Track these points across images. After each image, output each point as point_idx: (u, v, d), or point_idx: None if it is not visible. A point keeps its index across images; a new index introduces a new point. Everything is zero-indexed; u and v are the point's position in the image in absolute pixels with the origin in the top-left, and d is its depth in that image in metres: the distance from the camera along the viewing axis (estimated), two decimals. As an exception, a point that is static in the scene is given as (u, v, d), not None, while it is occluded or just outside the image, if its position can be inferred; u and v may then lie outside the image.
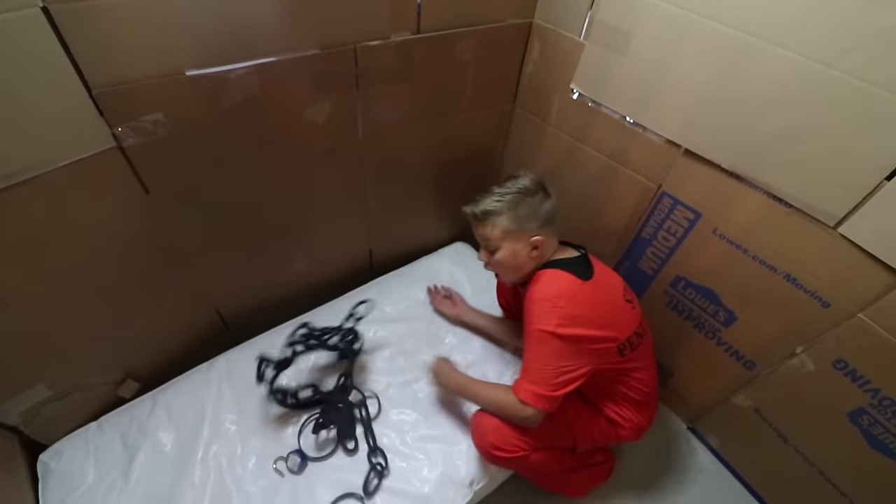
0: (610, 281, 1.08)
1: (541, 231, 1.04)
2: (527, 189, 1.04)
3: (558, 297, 0.95)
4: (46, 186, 0.84)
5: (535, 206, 1.03)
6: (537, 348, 0.95)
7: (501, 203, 1.03)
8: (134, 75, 0.82)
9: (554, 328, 0.93)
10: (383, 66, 1.11)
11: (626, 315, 1.04)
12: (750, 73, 0.94)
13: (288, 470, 1.12)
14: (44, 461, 1.11)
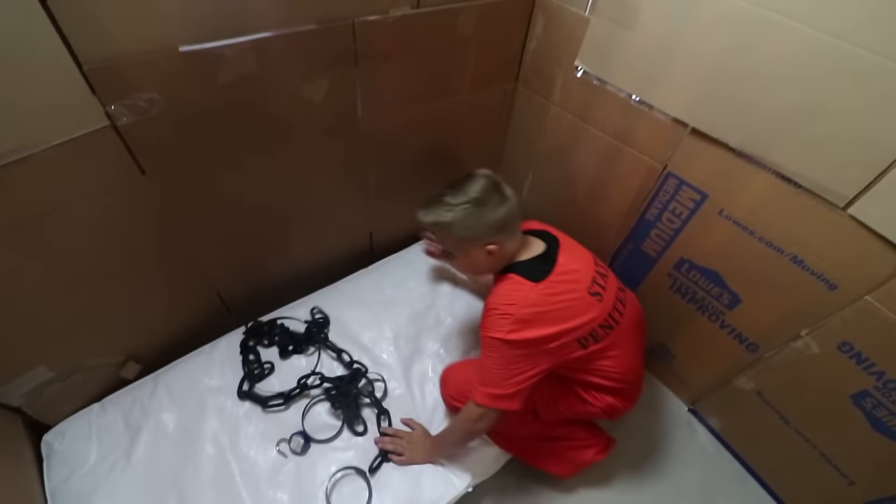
0: (575, 275, 1.02)
1: (495, 238, 0.99)
2: (478, 199, 0.97)
3: (509, 305, 0.94)
4: (38, 167, 0.83)
5: (486, 215, 0.97)
6: (489, 353, 0.96)
7: (452, 214, 0.98)
8: (126, 50, 0.80)
9: (504, 335, 0.92)
10: (382, 41, 1.08)
11: (589, 308, 1.00)
12: (761, 48, 0.91)
13: (291, 451, 1.12)
14: (47, 441, 1.12)
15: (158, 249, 1.12)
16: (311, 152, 1.19)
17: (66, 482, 1.05)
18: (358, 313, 1.40)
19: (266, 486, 1.07)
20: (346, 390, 1.21)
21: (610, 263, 1.49)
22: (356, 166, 1.33)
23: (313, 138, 1.17)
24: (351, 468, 1.10)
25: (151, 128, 0.91)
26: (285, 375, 1.25)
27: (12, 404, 1.09)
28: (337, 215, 1.44)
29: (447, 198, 0.99)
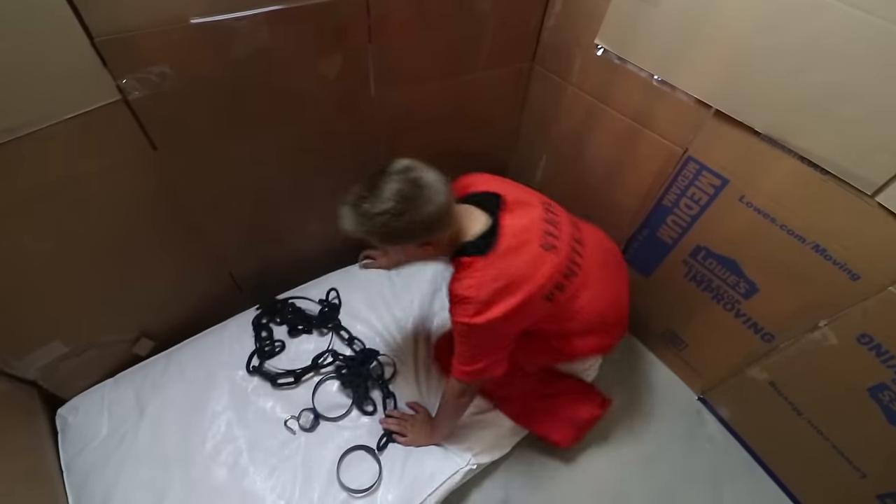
0: (524, 234, 0.95)
1: (428, 237, 0.89)
2: (397, 208, 0.83)
3: (467, 289, 0.90)
4: (50, 141, 0.82)
5: (411, 219, 0.84)
6: (460, 337, 0.95)
7: (372, 224, 0.86)
8: (137, 22, 0.78)
9: (469, 319, 0.90)
10: (397, 15, 1.05)
11: (545, 263, 0.95)
12: (792, 26, 0.87)
13: (300, 427, 1.13)
14: (62, 415, 1.14)
15: (170, 226, 1.12)
16: (324, 130, 1.18)
17: (79, 454, 1.08)
18: (369, 296, 1.40)
19: (274, 460, 1.08)
20: (358, 370, 1.22)
21: (624, 249, 1.47)
22: (369, 144, 1.31)
23: (326, 115, 1.15)
24: (360, 446, 1.11)
25: (163, 102, 0.89)
26: (294, 355, 1.26)
27: (28, 378, 1.11)
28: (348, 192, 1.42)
29: (365, 206, 0.85)
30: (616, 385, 1.52)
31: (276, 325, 1.32)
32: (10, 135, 0.77)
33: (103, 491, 1.02)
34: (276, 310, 1.34)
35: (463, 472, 1.13)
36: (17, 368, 1.07)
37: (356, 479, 1.07)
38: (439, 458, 1.13)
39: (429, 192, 0.85)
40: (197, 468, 1.05)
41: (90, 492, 1.02)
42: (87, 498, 1.01)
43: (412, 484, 1.08)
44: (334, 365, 1.25)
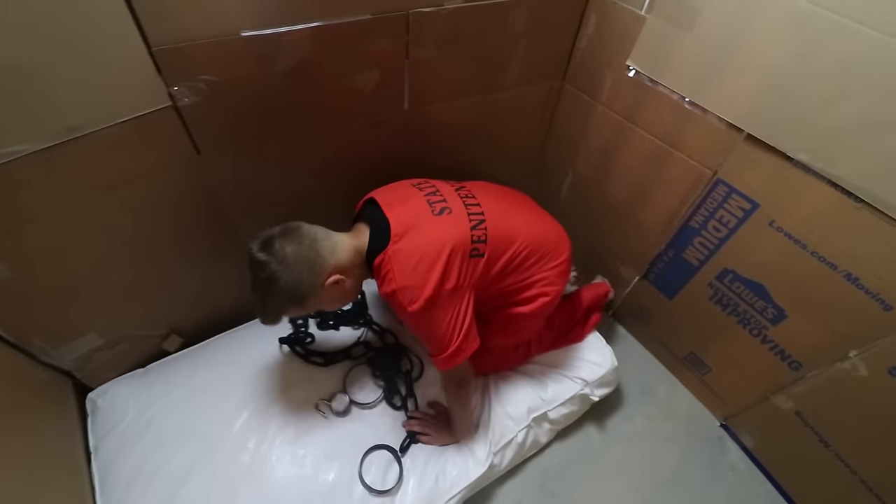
0: (411, 212, 0.98)
1: (326, 275, 0.91)
2: (271, 275, 0.86)
3: (392, 283, 0.92)
4: (105, 141, 0.87)
5: (290, 278, 0.87)
6: (417, 328, 0.97)
7: (270, 302, 0.90)
8: (192, 33, 0.83)
9: (414, 308, 0.91)
10: (434, 34, 1.08)
11: (447, 225, 0.97)
12: (829, 54, 0.87)
13: (332, 411, 1.16)
14: (92, 399, 1.19)
15: (207, 228, 1.16)
16: (357, 141, 1.21)
17: (107, 437, 1.11)
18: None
19: (302, 451, 1.10)
20: (390, 358, 1.26)
21: (648, 269, 1.47)
22: (399, 157, 1.34)
23: (360, 128, 1.18)
24: (383, 445, 1.13)
25: (209, 109, 0.94)
26: (325, 347, 1.30)
27: (64, 367, 1.15)
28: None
29: (258, 294, 0.90)
30: (636, 408, 1.51)
31: (310, 317, 1.36)
32: (73, 133, 0.82)
33: (128, 473, 1.05)
34: None
35: (482, 476, 1.14)
36: (54, 358, 1.11)
37: (377, 478, 1.08)
38: (460, 461, 1.14)
39: (289, 241, 0.88)
40: (221, 455, 1.08)
41: (116, 473, 1.05)
42: (113, 479, 1.04)
43: (433, 486, 1.09)
44: (366, 357, 1.29)
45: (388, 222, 0.95)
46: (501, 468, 1.23)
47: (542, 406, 1.25)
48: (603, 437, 1.43)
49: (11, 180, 0.82)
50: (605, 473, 1.36)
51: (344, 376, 1.24)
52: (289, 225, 0.91)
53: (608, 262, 1.59)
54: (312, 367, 1.25)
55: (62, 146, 0.83)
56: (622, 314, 1.70)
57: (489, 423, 1.20)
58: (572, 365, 1.33)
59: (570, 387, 1.29)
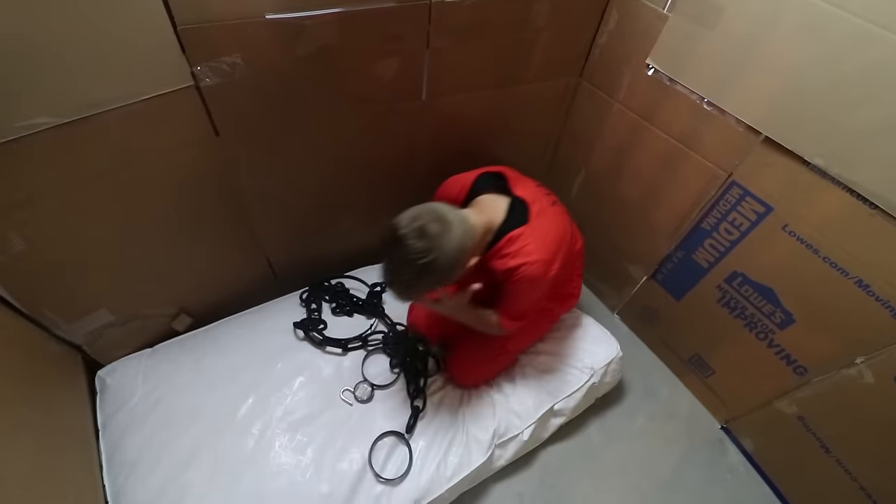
0: (537, 198, 1.05)
1: (468, 257, 0.93)
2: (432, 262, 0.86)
3: (544, 249, 0.99)
4: (127, 118, 0.87)
5: (445, 262, 0.87)
6: (524, 292, 1.03)
7: (412, 290, 0.93)
8: (218, 14, 0.83)
9: (539, 277, 0.98)
10: (456, 25, 1.08)
11: (564, 216, 1.09)
12: (851, 59, 0.87)
13: (357, 400, 1.18)
14: (101, 377, 1.19)
15: (221, 209, 1.17)
16: (373, 129, 1.21)
17: (115, 415, 1.12)
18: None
19: (304, 438, 1.11)
20: (411, 346, 1.27)
21: (657, 269, 1.47)
22: (410, 148, 1.34)
23: (377, 116, 1.18)
24: (391, 432, 1.14)
25: (230, 91, 0.94)
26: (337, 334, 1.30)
27: (75, 342, 1.16)
28: (387, 194, 1.45)
29: (394, 277, 0.91)
30: (638, 407, 1.52)
31: (325, 302, 1.38)
32: (94, 109, 0.82)
33: (135, 451, 1.06)
34: (325, 289, 1.40)
35: (482, 465, 1.15)
36: (66, 332, 1.13)
37: (385, 464, 1.10)
38: (461, 450, 1.15)
39: (441, 227, 0.87)
40: (226, 438, 1.09)
41: (123, 451, 1.06)
42: (120, 456, 1.06)
43: (434, 474, 1.10)
44: (382, 344, 1.30)
45: (526, 202, 1.02)
46: (503, 461, 1.24)
47: (549, 401, 1.26)
48: (604, 435, 1.44)
49: (33, 153, 0.83)
50: (606, 471, 1.37)
51: (361, 364, 1.25)
52: (431, 208, 0.90)
53: (616, 261, 1.59)
54: (318, 352, 1.26)
55: (83, 121, 0.84)
56: (628, 314, 1.71)
57: (495, 416, 1.20)
58: (578, 356, 1.34)
59: (577, 377, 1.30)
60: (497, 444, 1.18)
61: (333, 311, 1.36)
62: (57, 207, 0.92)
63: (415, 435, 1.15)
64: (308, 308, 1.34)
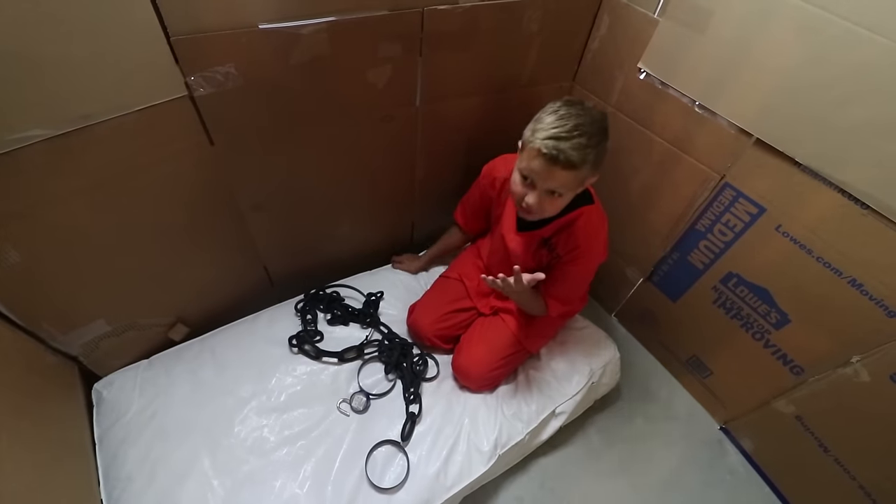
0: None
1: (597, 174, 0.98)
2: (605, 128, 0.93)
3: (605, 230, 1.10)
4: (120, 129, 0.87)
5: (608, 146, 0.95)
6: (581, 274, 1.11)
7: (590, 151, 0.90)
8: (211, 24, 0.83)
9: (600, 257, 1.09)
10: (449, 31, 1.09)
11: (603, 213, 1.14)
12: (838, 60, 0.88)
13: (353, 411, 1.18)
14: (98, 390, 1.18)
15: (216, 219, 1.17)
16: (367, 137, 1.22)
17: (111, 428, 1.11)
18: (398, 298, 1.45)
19: (301, 452, 1.10)
20: (405, 353, 1.27)
21: (653, 271, 1.47)
22: (406, 154, 1.35)
23: (371, 123, 1.19)
24: (387, 441, 1.13)
25: (225, 100, 0.94)
26: (333, 344, 1.29)
27: (71, 353, 1.15)
28: (383, 202, 1.47)
29: (582, 127, 0.89)
30: (636, 409, 1.52)
31: (320, 312, 1.37)
32: (87, 121, 0.82)
33: (132, 465, 1.05)
34: (319, 298, 1.39)
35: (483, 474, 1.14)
36: (62, 343, 1.12)
37: (383, 474, 1.09)
38: (462, 458, 1.14)
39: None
40: (223, 451, 1.08)
41: (119, 464, 1.05)
42: (116, 470, 1.05)
43: (433, 482, 1.09)
44: (376, 354, 1.30)
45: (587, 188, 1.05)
46: (503, 466, 1.24)
47: (550, 404, 1.26)
48: (603, 437, 1.44)
49: (26, 165, 0.82)
50: (605, 473, 1.37)
51: (356, 374, 1.24)
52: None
53: (612, 263, 1.60)
54: (314, 363, 1.25)
55: (77, 133, 0.83)
56: (625, 316, 1.71)
57: (496, 422, 1.20)
58: (577, 358, 1.34)
59: (576, 379, 1.30)
60: (500, 453, 1.18)
61: (329, 321, 1.35)
62: (51, 219, 0.91)
63: (414, 443, 1.15)
64: (303, 319, 1.33)
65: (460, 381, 1.26)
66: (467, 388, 1.26)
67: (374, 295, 1.42)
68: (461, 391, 1.26)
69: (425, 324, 1.31)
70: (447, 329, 1.31)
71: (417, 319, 1.33)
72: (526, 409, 1.24)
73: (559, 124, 0.89)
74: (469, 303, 1.35)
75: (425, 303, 1.37)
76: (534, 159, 0.92)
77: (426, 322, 1.31)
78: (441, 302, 1.34)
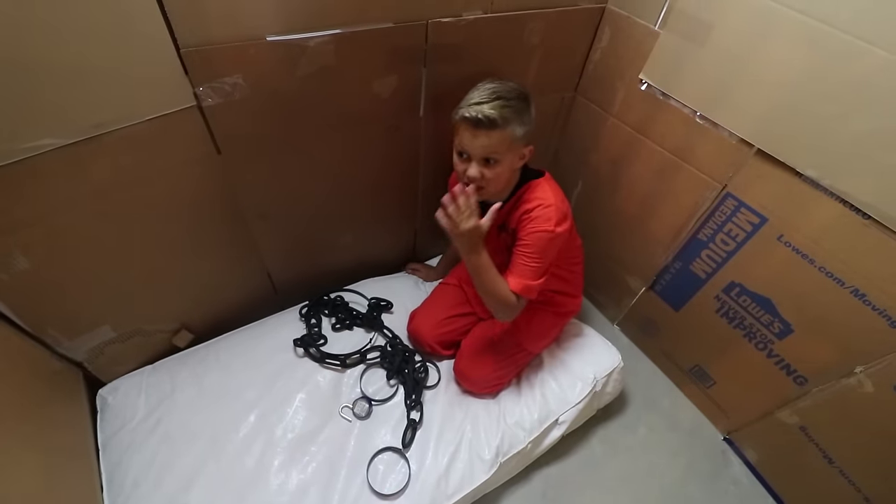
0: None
1: (530, 140, 1.04)
2: (525, 95, 1.00)
3: (558, 198, 1.05)
4: (130, 139, 0.89)
5: (532, 114, 1.01)
6: (534, 252, 1.03)
7: (509, 110, 0.95)
8: (220, 36, 0.85)
9: (553, 227, 1.02)
10: (452, 43, 1.11)
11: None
12: (839, 73, 0.89)
13: (356, 416, 1.18)
14: (102, 395, 1.19)
15: (223, 227, 1.18)
16: (371, 147, 1.23)
17: (116, 434, 1.12)
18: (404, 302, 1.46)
19: (305, 457, 1.11)
20: (408, 360, 1.28)
21: (655, 280, 1.48)
22: (409, 164, 1.36)
23: (376, 133, 1.20)
24: (388, 448, 1.13)
25: (232, 110, 0.96)
26: (337, 349, 1.30)
27: (76, 359, 1.16)
28: (387, 212, 1.48)
29: (497, 92, 0.97)
30: (639, 419, 1.51)
31: (325, 317, 1.38)
32: (97, 130, 0.84)
33: (136, 471, 1.05)
34: (324, 303, 1.40)
35: (484, 483, 1.14)
36: (68, 349, 1.13)
37: (384, 480, 1.09)
38: (463, 466, 1.14)
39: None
40: (227, 457, 1.08)
41: (123, 471, 1.06)
42: (120, 477, 1.05)
43: (434, 490, 1.09)
44: (379, 359, 1.30)
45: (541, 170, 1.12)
46: (505, 475, 1.24)
47: (553, 413, 1.25)
48: (606, 447, 1.43)
49: (37, 174, 0.84)
50: (608, 483, 1.36)
51: (359, 379, 1.25)
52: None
53: (615, 272, 1.60)
54: (318, 368, 1.26)
55: (87, 142, 0.85)
56: (627, 325, 1.71)
57: (498, 430, 1.20)
58: (579, 366, 1.35)
59: (579, 388, 1.30)
60: (502, 462, 1.17)
61: (333, 326, 1.36)
62: (61, 226, 0.93)
63: (416, 449, 1.15)
64: (308, 323, 1.34)
65: (462, 385, 1.27)
66: (469, 392, 1.26)
67: (382, 303, 1.43)
68: (463, 398, 1.26)
69: (426, 330, 1.32)
70: (447, 335, 1.32)
71: (418, 326, 1.34)
72: (528, 418, 1.24)
73: (478, 95, 0.98)
74: (469, 308, 1.36)
75: (425, 309, 1.38)
76: (462, 131, 1.01)
77: (427, 328, 1.32)
78: (441, 308, 1.35)
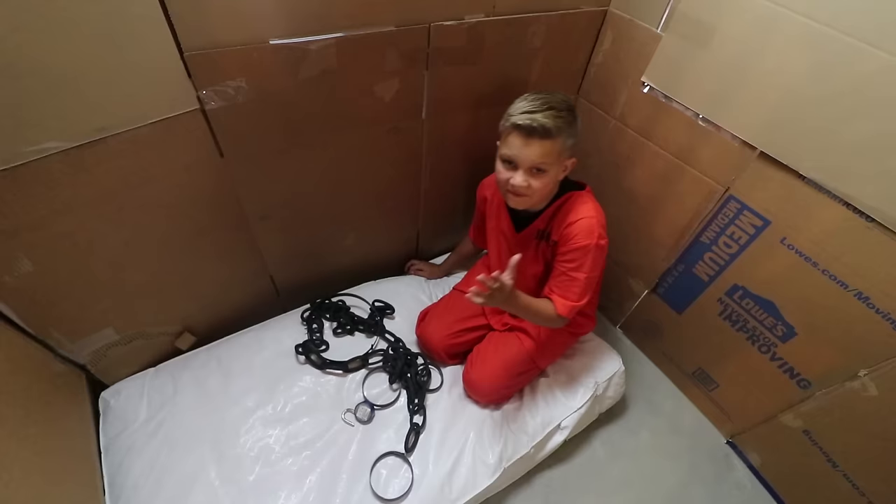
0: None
1: (574, 153, 1.04)
2: (573, 107, 1.01)
3: (599, 213, 1.05)
4: (134, 142, 0.89)
5: (578, 126, 1.02)
6: (580, 261, 1.03)
7: (561, 120, 0.96)
8: (224, 40, 0.85)
9: (597, 240, 1.02)
10: (454, 46, 1.11)
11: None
12: (842, 75, 0.89)
13: (358, 421, 1.18)
14: (105, 398, 1.19)
15: (225, 229, 1.18)
16: (373, 149, 1.23)
17: (118, 437, 1.12)
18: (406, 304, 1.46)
19: (306, 461, 1.10)
20: (410, 363, 1.28)
21: (658, 283, 1.47)
22: (412, 166, 1.36)
23: (378, 135, 1.21)
24: (390, 453, 1.13)
25: (235, 113, 0.96)
26: (339, 354, 1.30)
27: (79, 361, 1.17)
28: (390, 214, 1.48)
29: (547, 103, 0.97)
30: (642, 422, 1.51)
31: (326, 321, 1.38)
32: (101, 133, 0.84)
33: (137, 474, 1.05)
34: (325, 307, 1.40)
35: (487, 488, 1.14)
36: (71, 351, 1.13)
37: (387, 485, 1.09)
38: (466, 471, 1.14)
39: None
40: (229, 461, 1.08)
41: (125, 473, 1.06)
42: (122, 479, 1.05)
43: (438, 495, 1.09)
44: (381, 362, 1.30)
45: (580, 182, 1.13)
46: (508, 480, 1.23)
47: (555, 418, 1.25)
48: (608, 450, 1.43)
49: (41, 177, 0.84)
50: (610, 487, 1.35)
51: (361, 384, 1.25)
52: None
53: (617, 275, 1.60)
54: (320, 373, 1.25)
55: (92, 145, 0.85)
56: (630, 328, 1.71)
57: (501, 435, 1.20)
58: (581, 371, 1.34)
59: (581, 392, 1.30)
60: (505, 467, 1.17)
61: (335, 331, 1.36)
62: (65, 229, 0.93)
63: (419, 454, 1.14)
64: (309, 328, 1.34)
65: (470, 395, 1.26)
66: (476, 401, 1.25)
67: (384, 307, 1.43)
68: (466, 403, 1.26)
69: (437, 337, 1.31)
70: (457, 346, 1.31)
71: (430, 331, 1.33)
72: (531, 422, 1.23)
73: (529, 104, 0.98)
74: (483, 320, 1.35)
75: (438, 314, 1.36)
76: (513, 138, 1.00)
77: (438, 336, 1.31)
78: (455, 317, 1.33)
